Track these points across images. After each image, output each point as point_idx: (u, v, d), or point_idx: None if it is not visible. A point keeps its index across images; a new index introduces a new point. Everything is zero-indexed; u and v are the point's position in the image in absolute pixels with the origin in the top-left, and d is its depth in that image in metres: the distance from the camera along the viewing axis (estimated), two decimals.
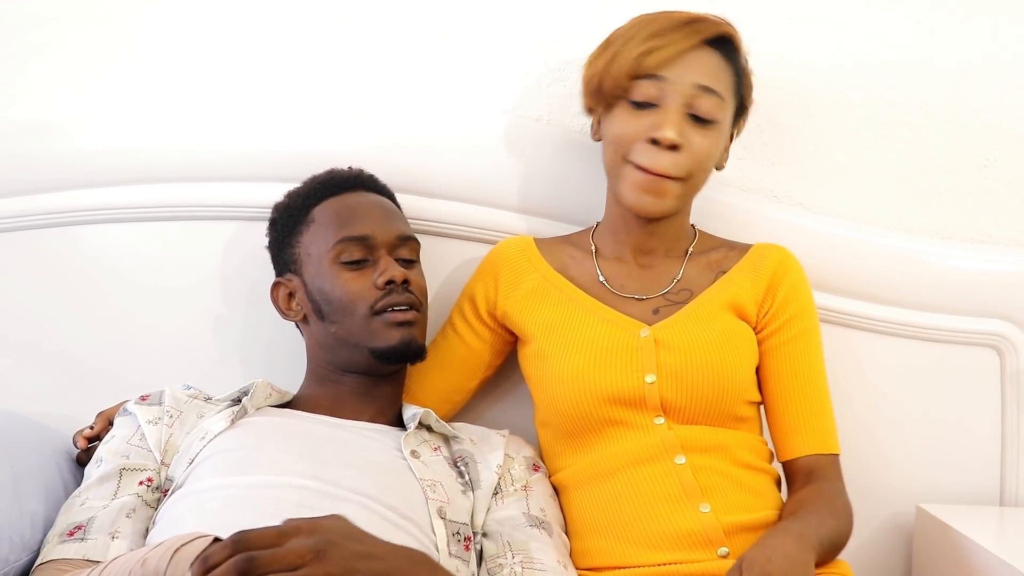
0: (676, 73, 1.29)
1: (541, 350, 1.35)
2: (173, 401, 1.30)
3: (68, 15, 1.60)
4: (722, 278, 1.38)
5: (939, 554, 1.42)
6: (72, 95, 1.60)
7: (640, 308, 1.37)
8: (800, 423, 1.33)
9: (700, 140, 1.30)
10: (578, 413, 1.30)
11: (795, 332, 1.35)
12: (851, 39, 1.58)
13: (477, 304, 1.43)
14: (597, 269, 1.41)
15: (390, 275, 1.30)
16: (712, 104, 1.30)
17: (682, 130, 1.29)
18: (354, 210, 1.35)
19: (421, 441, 1.31)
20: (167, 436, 1.26)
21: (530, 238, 1.46)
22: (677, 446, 1.29)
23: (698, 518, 1.25)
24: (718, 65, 1.32)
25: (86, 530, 1.16)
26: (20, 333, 1.55)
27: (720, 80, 1.32)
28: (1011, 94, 1.58)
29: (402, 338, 1.30)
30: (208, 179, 1.53)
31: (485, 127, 1.54)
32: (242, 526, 1.07)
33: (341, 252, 1.32)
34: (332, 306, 1.32)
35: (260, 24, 1.59)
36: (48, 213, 1.53)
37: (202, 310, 1.54)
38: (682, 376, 1.29)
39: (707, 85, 1.30)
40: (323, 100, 1.57)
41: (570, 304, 1.37)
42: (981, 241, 1.58)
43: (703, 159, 1.31)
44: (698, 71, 1.30)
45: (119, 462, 1.23)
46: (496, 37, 1.58)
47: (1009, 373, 1.53)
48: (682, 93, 1.29)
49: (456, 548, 1.21)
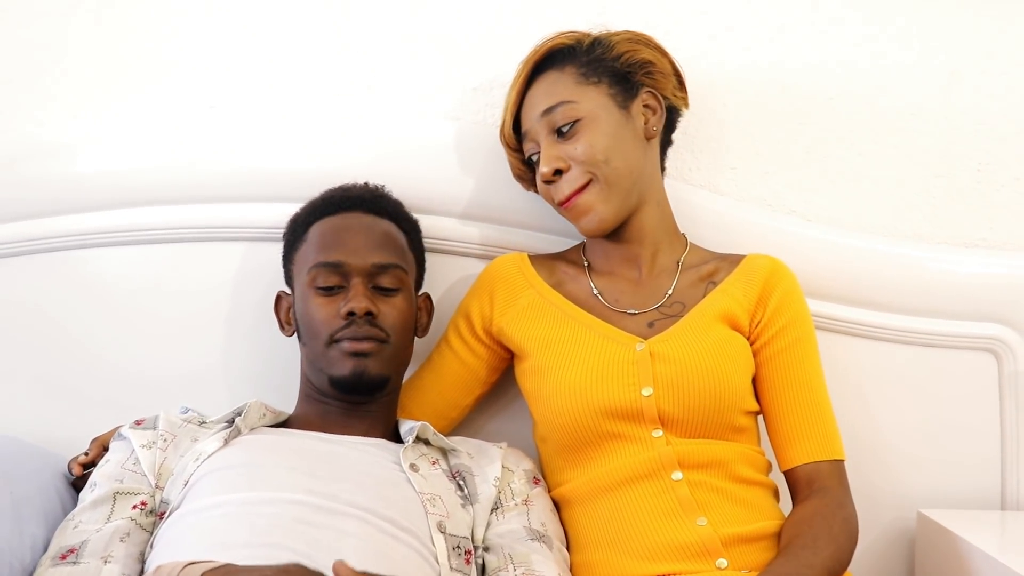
0: (526, 121, 1.38)
1: (538, 365, 1.36)
2: (167, 425, 1.30)
3: (66, 40, 1.61)
4: (714, 290, 1.38)
5: (941, 559, 1.42)
6: (71, 119, 1.61)
7: (635, 322, 1.37)
8: (798, 432, 1.33)
9: (574, 146, 1.33)
10: (577, 426, 1.31)
11: (789, 341, 1.35)
12: (842, 46, 1.58)
13: (472, 321, 1.43)
14: (591, 284, 1.41)
15: (351, 307, 1.30)
16: (563, 113, 1.34)
17: (554, 155, 1.34)
18: (337, 234, 1.35)
19: (420, 455, 1.31)
20: (161, 460, 1.26)
21: (524, 255, 1.46)
22: (674, 462, 1.29)
23: (696, 531, 1.26)
24: (551, 81, 1.36)
25: (79, 553, 1.16)
26: (20, 357, 1.55)
27: (557, 91, 1.35)
28: (1003, 97, 1.58)
29: (354, 369, 1.30)
30: (206, 200, 1.54)
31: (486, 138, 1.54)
32: (240, 543, 1.09)
33: (316, 277, 1.33)
34: (304, 327, 1.34)
35: (258, 45, 1.60)
36: (47, 238, 1.53)
37: (202, 332, 1.54)
38: (679, 388, 1.29)
39: (547, 106, 1.35)
40: (320, 119, 1.57)
41: (566, 320, 1.38)
42: (976, 245, 1.58)
43: (588, 156, 1.33)
44: (537, 105, 1.36)
45: (113, 486, 1.24)
46: (491, 47, 1.58)
47: (1007, 376, 1.53)
48: (539, 130, 1.36)
49: (457, 562, 1.21)
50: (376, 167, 1.48)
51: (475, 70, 1.58)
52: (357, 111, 1.59)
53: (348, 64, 1.59)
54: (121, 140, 1.57)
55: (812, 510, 1.28)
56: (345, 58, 1.59)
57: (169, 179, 1.53)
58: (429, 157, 1.53)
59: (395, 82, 1.59)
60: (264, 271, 1.48)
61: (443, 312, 1.49)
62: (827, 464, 1.32)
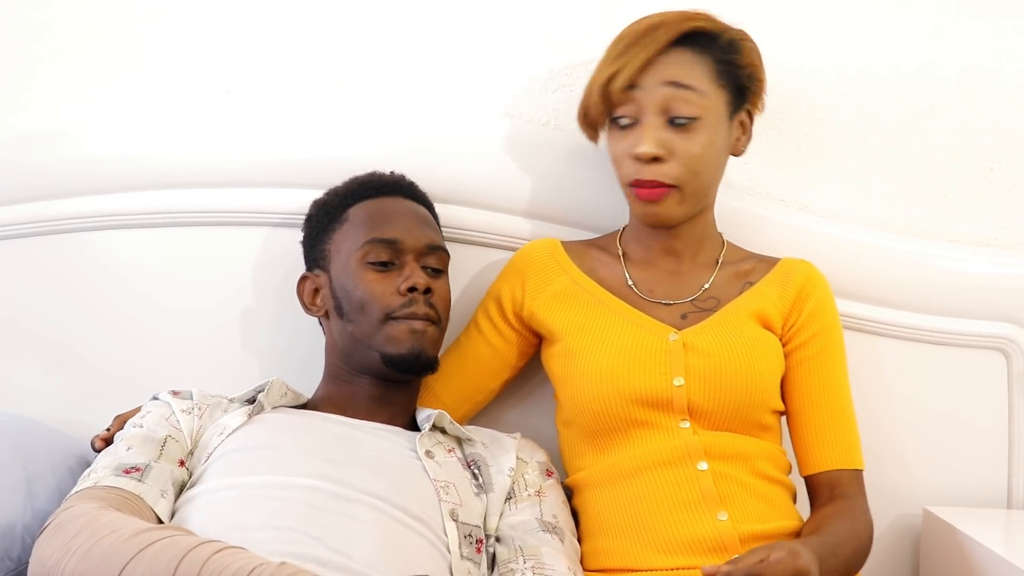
0: (645, 83, 1.30)
1: (569, 349, 1.36)
2: (200, 396, 1.32)
3: (79, 22, 1.61)
4: (750, 289, 1.39)
5: (946, 556, 1.43)
6: (83, 101, 1.61)
7: (668, 312, 1.37)
8: (822, 438, 1.34)
9: (684, 144, 1.30)
10: (605, 412, 1.31)
11: (820, 348, 1.36)
12: (856, 43, 1.59)
13: (503, 305, 1.43)
14: (626, 273, 1.41)
15: (413, 281, 1.30)
16: (686, 100, 1.29)
17: (661, 140, 1.29)
18: (387, 213, 1.36)
19: (435, 442, 1.31)
20: (198, 427, 1.27)
21: (557, 240, 1.46)
22: (700, 451, 1.29)
23: (715, 525, 1.26)
24: (689, 60, 1.31)
25: (144, 474, 1.16)
26: (32, 338, 1.56)
27: (694, 74, 1.30)
28: (1016, 97, 1.59)
29: (412, 347, 1.30)
30: (215, 185, 1.54)
31: (491, 132, 1.55)
32: (254, 526, 1.10)
33: (368, 252, 1.33)
34: (352, 304, 1.32)
35: (274, 29, 1.60)
36: (60, 219, 1.54)
37: (215, 314, 1.55)
38: (710, 380, 1.30)
39: (677, 81, 1.29)
40: (336, 105, 1.58)
41: (599, 306, 1.38)
42: (987, 244, 1.58)
43: (691, 161, 1.30)
44: (666, 73, 1.30)
45: (166, 430, 1.24)
46: (502, 41, 1.59)
47: (1016, 375, 1.54)
48: (655, 102, 1.29)
49: (468, 550, 1.22)
50: (398, 156, 1.49)
51: (490, 63, 1.59)
52: (373, 100, 1.59)
53: (365, 56, 1.60)
54: (132, 123, 1.58)
55: (838, 508, 1.29)
56: (363, 50, 1.60)
57: (191, 163, 1.54)
58: (442, 145, 1.55)
59: (406, 71, 1.60)
60: (286, 256, 1.48)
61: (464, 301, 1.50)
62: (848, 473, 1.33)
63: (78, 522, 1.05)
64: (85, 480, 1.16)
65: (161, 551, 0.99)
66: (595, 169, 1.50)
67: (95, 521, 1.04)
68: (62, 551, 1.02)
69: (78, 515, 1.06)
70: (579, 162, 1.53)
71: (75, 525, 1.04)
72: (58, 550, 1.03)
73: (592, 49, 1.40)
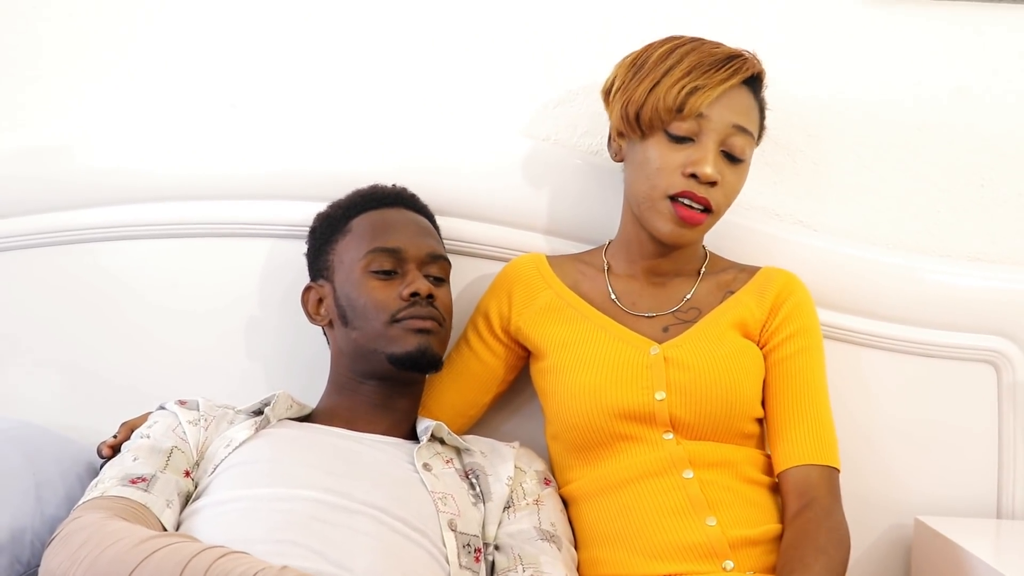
0: (716, 112, 1.32)
1: (554, 365, 1.38)
2: (207, 407, 1.33)
3: (87, 36, 1.63)
4: (730, 298, 1.41)
5: (937, 566, 1.43)
6: (90, 114, 1.63)
7: (650, 325, 1.39)
8: (793, 435, 1.34)
9: (732, 177, 1.35)
10: (589, 427, 1.33)
11: (795, 349, 1.37)
12: (850, 63, 1.61)
13: (491, 320, 1.45)
14: (608, 287, 1.44)
15: (416, 287, 1.33)
16: (744, 143, 1.34)
17: (718, 167, 1.32)
18: (389, 224, 1.38)
19: (433, 454, 1.33)
20: (204, 438, 1.29)
21: (542, 255, 1.49)
22: (685, 461, 1.31)
23: (704, 531, 1.28)
24: (750, 105, 1.36)
25: (150, 484, 1.18)
26: (41, 347, 1.57)
27: (751, 119, 1.36)
28: (1007, 114, 1.61)
29: (419, 345, 1.32)
30: (221, 197, 1.56)
31: (493, 147, 1.58)
32: (257, 539, 1.11)
33: (372, 261, 1.35)
34: (356, 311, 1.34)
35: (281, 44, 1.63)
36: (68, 230, 1.56)
37: (221, 324, 1.57)
38: (691, 393, 1.32)
39: (743, 126, 1.34)
40: (339, 120, 1.59)
41: (582, 321, 1.40)
42: (978, 259, 1.60)
43: (732, 194, 1.36)
44: (735, 111, 1.33)
45: (172, 441, 1.26)
46: (504, 59, 1.61)
47: (1006, 388, 1.55)
48: (719, 132, 1.32)
49: (467, 560, 1.23)
50: (400, 170, 1.51)
51: (492, 80, 1.62)
52: (377, 115, 1.61)
53: (370, 71, 1.62)
54: (136, 136, 1.59)
55: (798, 530, 1.27)
56: (369, 65, 1.62)
57: (197, 175, 1.56)
58: (444, 161, 1.57)
59: (410, 87, 1.62)
60: (291, 267, 1.51)
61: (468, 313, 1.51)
62: (818, 469, 1.32)
63: (84, 532, 1.07)
64: (92, 490, 1.18)
65: (165, 558, 1.02)
66: (598, 182, 1.53)
67: (101, 530, 1.07)
68: (69, 560, 1.05)
69: (85, 525, 1.08)
70: (580, 177, 1.56)
71: (82, 535, 1.07)
72: (66, 560, 1.05)
73: (590, 67, 1.42)
